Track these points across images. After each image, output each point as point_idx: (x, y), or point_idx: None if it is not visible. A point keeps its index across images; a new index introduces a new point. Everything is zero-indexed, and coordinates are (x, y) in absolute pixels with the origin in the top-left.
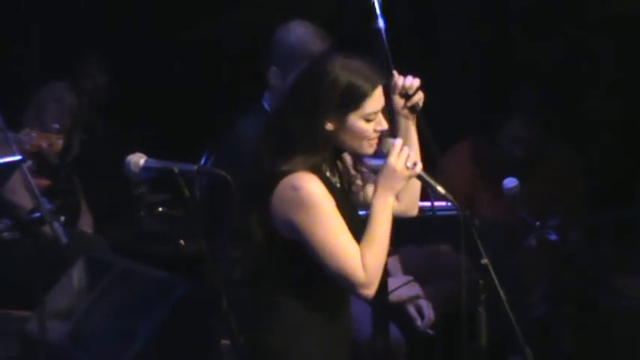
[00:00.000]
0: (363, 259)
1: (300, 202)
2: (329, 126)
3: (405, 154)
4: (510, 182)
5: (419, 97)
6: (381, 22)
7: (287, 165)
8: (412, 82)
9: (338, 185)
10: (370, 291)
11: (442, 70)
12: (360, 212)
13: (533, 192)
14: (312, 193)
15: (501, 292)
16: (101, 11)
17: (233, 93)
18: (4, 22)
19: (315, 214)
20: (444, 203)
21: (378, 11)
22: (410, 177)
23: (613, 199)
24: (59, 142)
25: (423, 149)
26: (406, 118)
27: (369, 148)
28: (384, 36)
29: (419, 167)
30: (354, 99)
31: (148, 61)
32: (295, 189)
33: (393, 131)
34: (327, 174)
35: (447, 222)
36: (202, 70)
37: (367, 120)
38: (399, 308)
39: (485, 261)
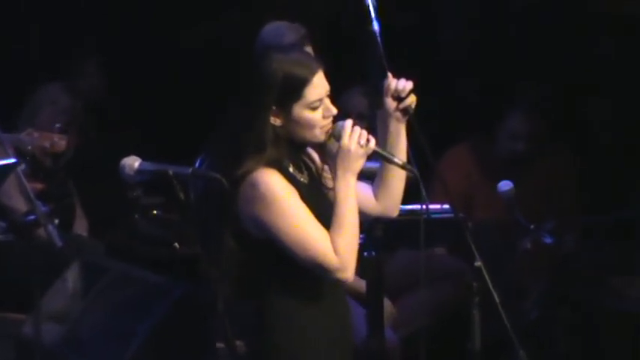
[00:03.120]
0: (333, 243)
1: (260, 197)
2: (276, 121)
3: (357, 134)
4: (505, 185)
5: (411, 100)
6: (375, 25)
7: (242, 169)
8: (405, 84)
9: (305, 182)
10: (346, 274)
11: (442, 70)
12: None
13: (531, 192)
14: (269, 186)
15: (495, 295)
16: (101, 11)
17: (233, 94)
18: (4, 22)
19: (276, 206)
20: (438, 206)
21: (373, 14)
22: (366, 154)
23: (612, 200)
24: (62, 143)
25: (418, 152)
26: (398, 120)
27: (322, 135)
28: (378, 38)
29: (372, 143)
30: (293, 89)
31: (148, 62)
32: (253, 185)
33: (382, 133)
34: (291, 170)
35: (442, 225)
36: (202, 71)
37: (313, 108)
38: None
39: (478, 264)
